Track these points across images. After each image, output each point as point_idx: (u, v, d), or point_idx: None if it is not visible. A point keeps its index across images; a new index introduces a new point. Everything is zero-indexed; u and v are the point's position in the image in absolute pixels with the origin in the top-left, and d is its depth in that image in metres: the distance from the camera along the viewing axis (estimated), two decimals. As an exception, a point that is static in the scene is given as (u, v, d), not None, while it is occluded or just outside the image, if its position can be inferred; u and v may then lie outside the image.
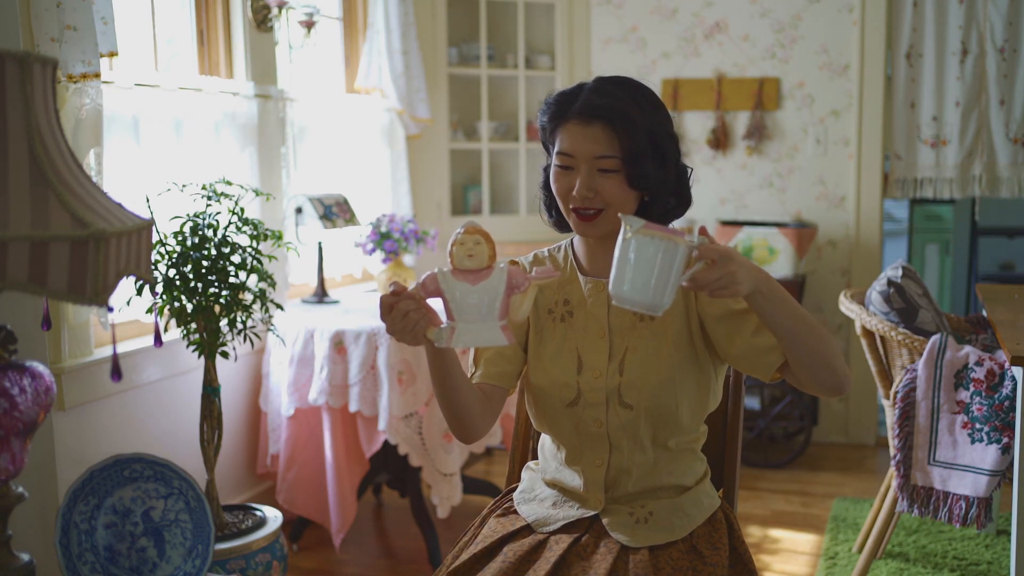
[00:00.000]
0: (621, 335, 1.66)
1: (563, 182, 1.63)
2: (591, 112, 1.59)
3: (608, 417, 1.64)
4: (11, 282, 1.22)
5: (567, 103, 1.62)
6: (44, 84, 1.33)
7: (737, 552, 1.68)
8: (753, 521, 3.56)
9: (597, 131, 1.58)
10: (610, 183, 1.59)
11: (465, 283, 1.38)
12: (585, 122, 1.59)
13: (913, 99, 4.24)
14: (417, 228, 3.49)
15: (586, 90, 1.63)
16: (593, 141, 1.58)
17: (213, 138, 3.11)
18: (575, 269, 1.73)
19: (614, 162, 1.58)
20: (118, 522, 1.66)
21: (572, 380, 1.65)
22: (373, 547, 3.41)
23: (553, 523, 1.67)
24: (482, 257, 1.38)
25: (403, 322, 1.42)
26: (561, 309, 1.71)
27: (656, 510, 1.66)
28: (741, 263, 1.39)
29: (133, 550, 1.67)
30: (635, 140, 1.58)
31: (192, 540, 1.67)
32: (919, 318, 2.80)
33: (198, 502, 1.69)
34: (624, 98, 1.60)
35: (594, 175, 1.59)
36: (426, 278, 1.41)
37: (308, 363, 3.21)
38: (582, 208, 1.61)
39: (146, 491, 1.68)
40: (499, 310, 1.39)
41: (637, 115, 1.59)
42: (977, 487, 2.53)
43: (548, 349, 1.69)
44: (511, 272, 1.39)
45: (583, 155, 1.59)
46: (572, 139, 1.60)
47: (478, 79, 4.69)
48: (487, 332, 1.39)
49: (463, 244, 1.38)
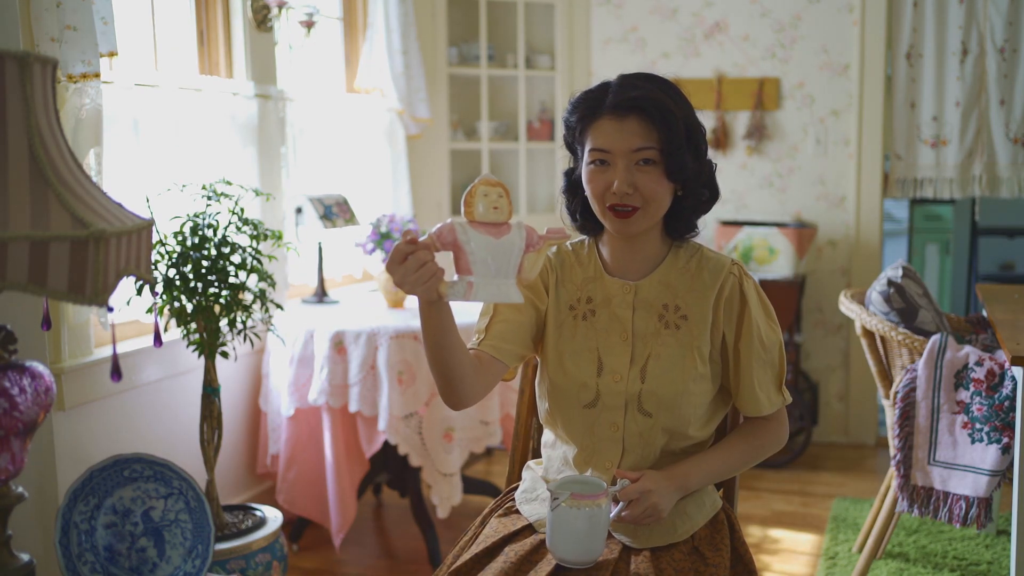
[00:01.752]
0: (645, 340, 1.64)
1: (599, 180, 1.59)
2: (626, 105, 1.56)
3: (626, 422, 1.64)
4: (11, 282, 1.22)
5: (596, 100, 1.60)
6: (44, 84, 1.33)
7: (738, 553, 1.68)
8: (753, 521, 3.56)
9: (633, 124, 1.56)
10: (649, 177, 1.57)
11: (488, 236, 1.32)
12: (620, 116, 1.57)
13: (913, 99, 4.24)
14: (417, 228, 3.49)
15: (615, 85, 1.60)
16: (630, 134, 1.56)
17: (213, 138, 3.11)
18: (600, 267, 1.70)
19: (653, 153, 1.56)
20: (118, 522, 1.66)
21: (592, 381, 1.64)
22: (373, 547, 3.41)
23: None
24: (505, 210, 1.34)
25: (419, 272, 1.35)
26: (584, 307, 1.68)
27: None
28: (661, 492, 1.55)
29: (133, 550, 1.67)
30: (673, 130, 1.56)
31: (192, 540, 1.67)
32: (919, 318, 2.80)
33: (198, 502, 1.69)
34: (655, 89, 1.59)
35: (632, 169, 1.57)
36: (442, 228, 1.34)
37: (308, 363, 3.21)
38: (620, 205, 1.58)
39: (146, 491, 1.68)
40: (517, 266, 1.36)
41: (672, 105, 1.58)
42: (977, 487, 2.53)
43: (568, 347, 1.67)
44: (528, 229, 1.37)
45: (621, 149, 1.57)
46: (607, 134, 1.57)
47: (478, 79, 4.69)
48: (505, 288, 1.35)
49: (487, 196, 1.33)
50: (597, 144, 1.58)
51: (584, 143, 1.62)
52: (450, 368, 1.55)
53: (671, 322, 1.64)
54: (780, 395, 1.70)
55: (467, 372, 1.58)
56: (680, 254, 1.69)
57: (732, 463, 1.68)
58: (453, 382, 1.57)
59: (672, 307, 1.65)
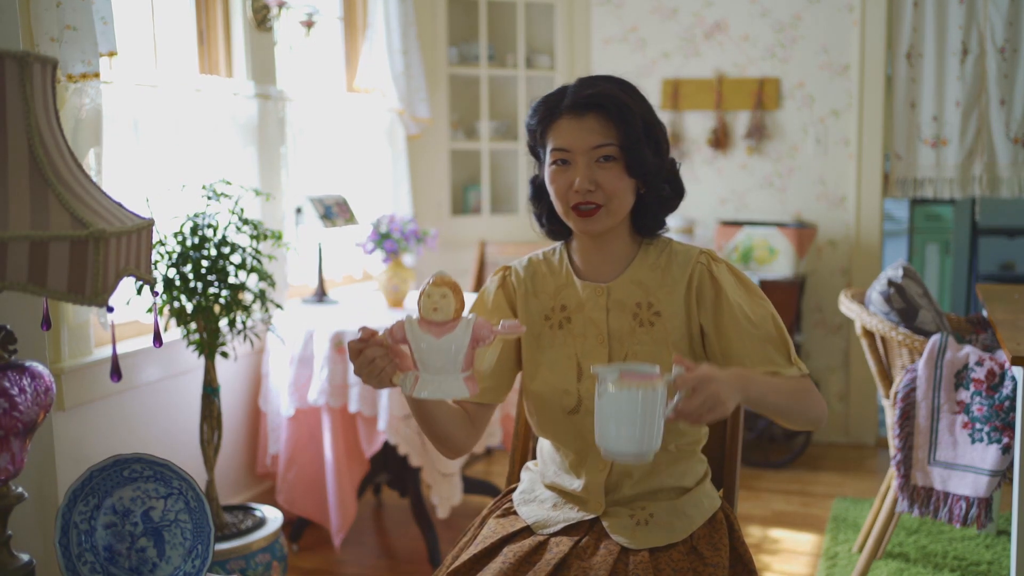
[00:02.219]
0: (621, 340, 1.64)
1: (561, 179, 1.60)
2: (583, 103, 1.58)
3: None
4: (11, 282, 1.22)
5: (555, 102, 1.61)
6: (44, 84, 1.33)
7: (737, 552, 1.67)
8: (753, 521, 3.56)
9: (591, 122, 1.58)
10: (610, 173, 1.58)
11: (430, 335, 1.38)
12: (578, 114, 1.58)
13: (913, 99, 4.24)
14: (417, 228, 3.49)
15: (572, 87, 1.62)
16: (589, 132, 1.57)
17: (213, 138, 3.11)
18: (571, 273, 1.70)
19: (612, 149, 1.57)
20: (118, 522, 1.66)
21: (572, 387, 1.64)
22: (373, 547, 3.41)
23: (553, 525, 1.67)
24: (447, 310, 1.37)
25: (368, 368, 1.43)
26: (559, 315, 1.68)
27: (656, 512, 1.65)
28: (722, 381, 1.38)
29: (133, 550, 1.67)
30: (631, 125, 1.57)
31: (192, 540, 1.67)
32: (919, 318, 2.79)
33: (198, 502, 1.68)
34: (613, 87, 1.60)
35: (592, 167, 1.58)
36: (395, 325, 1.42)
37: (308, 363, 3.21)
38: (583, 203, 1.59)
39: (146, 491, 1.68)
40: (463, 363, 1.39)
41: (629, 101, 1.59)
42: (977, 487, 2.53)
43: (547, 356, 1.67)
44: (476, 325, 1.38)
45: (580, 147, 1.58)
46: (567, 133, 1.59)
47: (478, 79, 4.69)
48: (449, 384, 1.39)
49: (429, 296, 1.38)
50: (557, 144, 1.60)
51: (545, 144, 1.63)
52: (436, 432, 1.63)
53: (645, 320, 1.64)
54: (793, 366, 1.62)
55: (454, 431, 1.65)
56: (650, 251, 1.69)
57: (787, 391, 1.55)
58: (443, 441, 1.65)
59: (645, 304, 1.64)
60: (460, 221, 4.69)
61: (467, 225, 4.69)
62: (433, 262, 4.56)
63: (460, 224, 4.68)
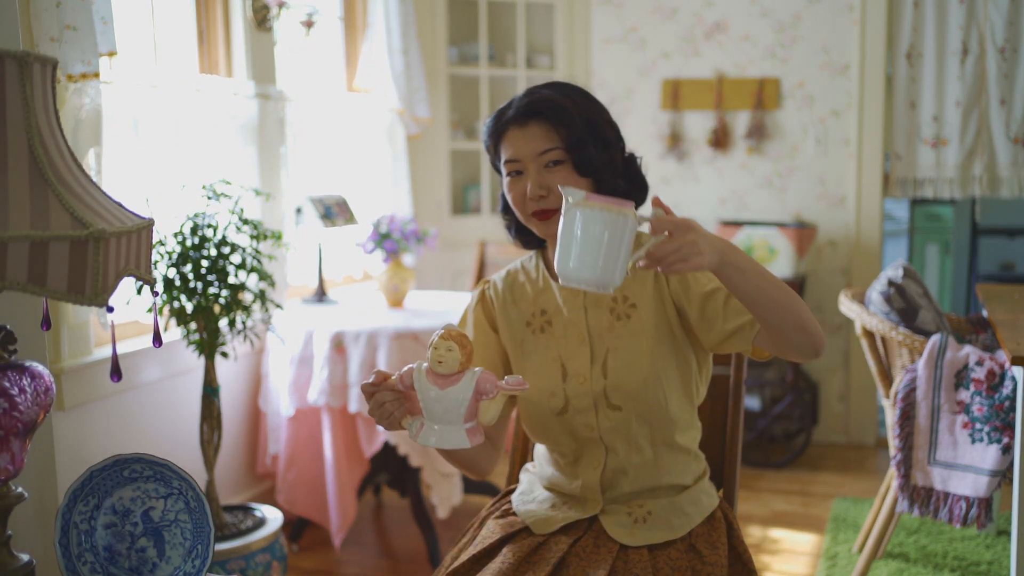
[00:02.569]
0: (601, 337, 1.65)
1: (516, 188, 1.63)
2: (524, 113, 1.62)
3: (598, 421, 1.64)
4: (11, 282, 1.22)
5: (502, 115, 1.66)
6: (44, 84, 1.33)
7: (736, 551, 1.67)
8: (753, 521, 3.55)
9: (534, 129, 1.61)
10: (559, 176, 1.60)
11: (435, 386, 1.42)
12: (522, 124, 1.62)
13: (913, 99, 4.24)
14: (417, 228, 3.49)
15: (517, 98, 1.66)
16: (533, 139, 1.61)
17: (213, 138, 3.11)
18: (547, 278, 1.72)
19: (558, 152, 1.60)
20: (118, 522, 1.66)
21: (559, 388, 1.65)
22: (373, 547, 3.41)
23: (552, 525, 1.67)
24: (452, 364, 1.40)
25: (379, 411, 1.47)
26: (539, 320, 1.71)
27: (654, 509, 1.65)
28: (702, 233, 1.34)
29: (133, 550, 1.67)
30: (572, 126, 1.60)
31: (192, 540, 1.67)
32: (919, 318, 2.79)
33: (198, 502, 1.68)
34: (553, 94, 1.63)
35: (542, 172, 1.61)
36: (405, 372, 1.46)
37: (308, 363, 3.21)
38: (539, 209, 1.62)
39: (146, 491, 1.68)
40: (465, 414, 1.42)
41: (568, 104, 1.62)
42: (977, 487, 2.53)
43: (532, 362, 1.69)
44: (480, 379, 1.41)
45: (527, 155, 1.61)
46: (514, 143, 1.62)
47: (478, 79, 4.69)
48: (451, 435, 1.42)
49: (436, 349, 1.41)
50: (507, 155, 1.64)
51: (499, 157, 1.67)
52: (459, 462, 1.69)
53: (622, 313, 1.65)
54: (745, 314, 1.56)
55: (476, 456, 1.70)
56: None
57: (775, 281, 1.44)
58: (470, 467, 1.71)
59: (620, 298, 1.66)
60: (460, 221, 4.69)
61: (467, 225, 4.69)
62: (433, 262, 4.56)
63: (460, 224, 4.68)
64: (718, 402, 1.89)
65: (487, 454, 1.72)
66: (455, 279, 4.65)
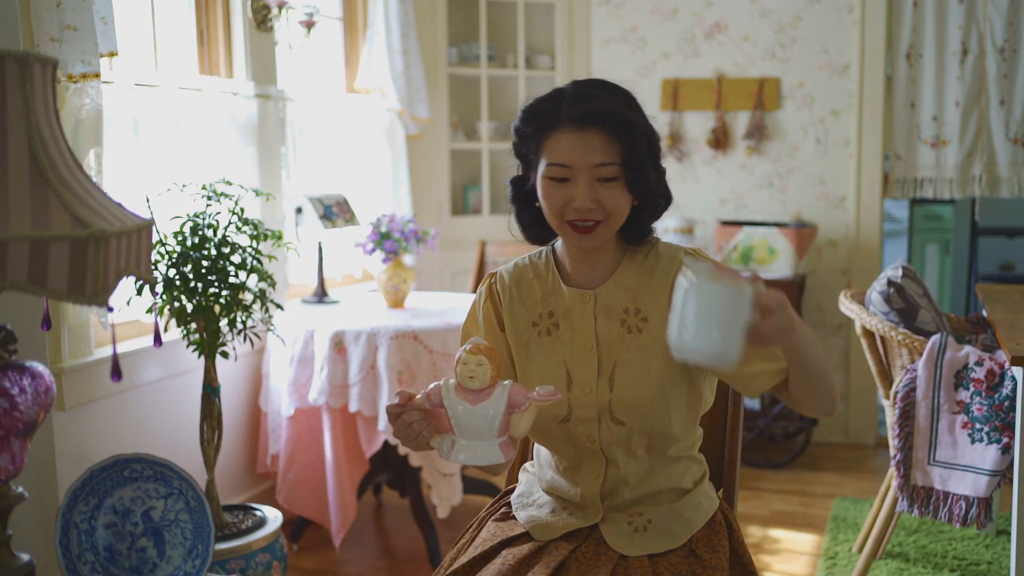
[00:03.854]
0: (609, 348, 1.61)
1: (558, 195, 1.54)
2: (586, 118, 1.51)
3: (600, 433, 1.60)
4: (11, 282, 1.22)
5: (553, 110, 1.54)
6: (44, 84, 1.33)
7: (737, 553, 1.66)
8: (753, 521, 3.56)
9: (594, 138, 1.51)
10: (612, 191, 1.52)
11: (466, 402, 1.40)
12: (580, 128, 1.51)
13: (913, 99, 4.24)
14: (417, 228, 3.49)
15: (571, 95, 1.54)
16: (592, 149, 1.51)
17: (213, 138, 3.11)
18: (557, 278, 1.66)
19: (614, 169, 1.51)
20: (118, 522, 1.66)
21: (563, 397, 1.60)
22: (373, 547, 3.41)
23: (553, 532, 1.65)
24: (484, 378, 1.39)
25: (406, 431, 1.43)
26: (546, 322, 1.65)
27: (655, 517, 1.63)
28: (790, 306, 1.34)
29: (133, 550, 1.67)
30: (636, 143, 1.51)
31: (192, 540, 1.67)
32: (919, 318, 2.80)
33: (198, 502, 1.69)
34: (615, 100, 1.53)
35: (594, 185, 1.52)
36: (432, 389, 1.43)
37: (308, 363, 3.21)
38: (581, 220, 1.54)
39: (146, 491, 1.68)
40: (498, 428, 1.40)
41: (633, 116, 1.52)
42: (977, 487, 2.53)
43: (536, 364, 1.64)
44: (512, 392, 1.39)
45: (582, 164, 1.51)
46: (567, 149, 1.52)
47: (478, 79, 4.69)
48: (484, 450, 1.41)
49: (466, 364, 1.39)
50: (556, 159, 1.53)
51: (539, 154, 1.57)
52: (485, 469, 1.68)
53: (633, 326, 1.60)
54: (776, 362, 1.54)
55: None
56: (636, 256, 1.64)
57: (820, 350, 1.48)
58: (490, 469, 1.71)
59: (633, 310, 1.61)
60: (460, 221, 4.69)
61: (467, 225, 4.69)
62: (433, 262, 4.57)
63: (460, 224, 4.68)
64: (718, 402, 1.88)
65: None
66: (455, 279, 4.65)
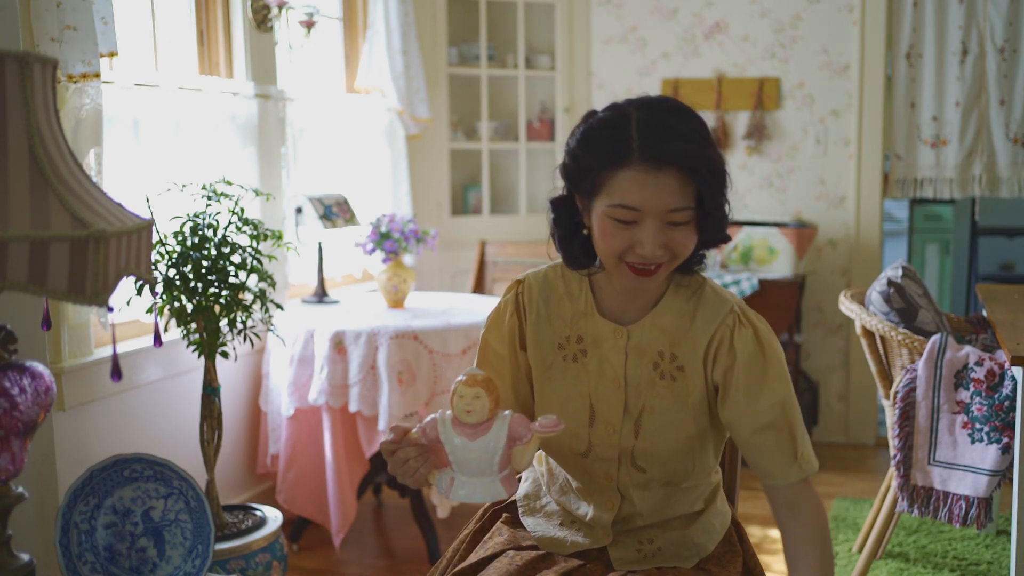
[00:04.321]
0: (638, 390, 1.51)
1: (622, 237, 1.39)
2: (661, 158, 1.35)
3: (619, 475, 1.55)
4: (11, 282, 1.22)
5: (622, 143, 1.37)
6: (44, 84, 1.33)
7: (748, 567, 1.64)
8: (753, 521, 3.55)
9: (669, 180, 1.36)
10: (682, 234, 1.40)
11: (463, 436, 1.31)
12: (655, 169, 1.36)
13: (913, 99, 4.24)
14: (417, 228, 3.49)
15: (642, 126, 1.38)
16: (667, 192, 1.36)
17: (213, 138, 3.11)
18: (591, 303, 1.54)
19: (688, 214, 1.38)
20: (118, 522, 1.66)
21: (584, 431, 1.53)
22: (373, 547, 3.41)
23: (561, 550, 1.61)
24: (482, 412, 1.30)
25: (403, 468, 1.35)
26: (573, 347, 1.54)
27: (664, 545, 1.59)
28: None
29: (133, 550, 1.67)
30: (715, 188, 1.39)
31: (192, 540, 1.67)
32: (919, 318, 2.80)
33: (198, 502, 1.69)
34: (691, 136, 1.38)
35: (664, 229, 1.38)
36: (427, 423, 1.35)
37: (308, 363, 3.21)
38: (643, 264, 1.41)
39: (146, 491, 1.68)
40: (499, 463, 1.31)
41: (711, 154, 1.38)
42: (977, 487, 2.53)
43: (559, 390, 1.55)
44: (512, 424, 1.31)
45: (654, 209, 1.37)
46: (639, 190, 1.36)
47: (478, 79, 4.69)
48: (485, 487, 1.33)
49: (462, 397, 1.30)
50: (624, 200, 1.37)
51: (600, 188, 1.40)
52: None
53: (667, 372, 1.50)
54: (796, 464, 1.47)
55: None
56: (680, 293, 1.52)
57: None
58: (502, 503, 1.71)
59: (668, 355, 1.50)
60: (460, 221, 4.69)
61: (467, 225, 4.69)
62: (433, 262, 4.57)
63: (460, 224, 4.68)
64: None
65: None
66: (455, 279, 4.65)
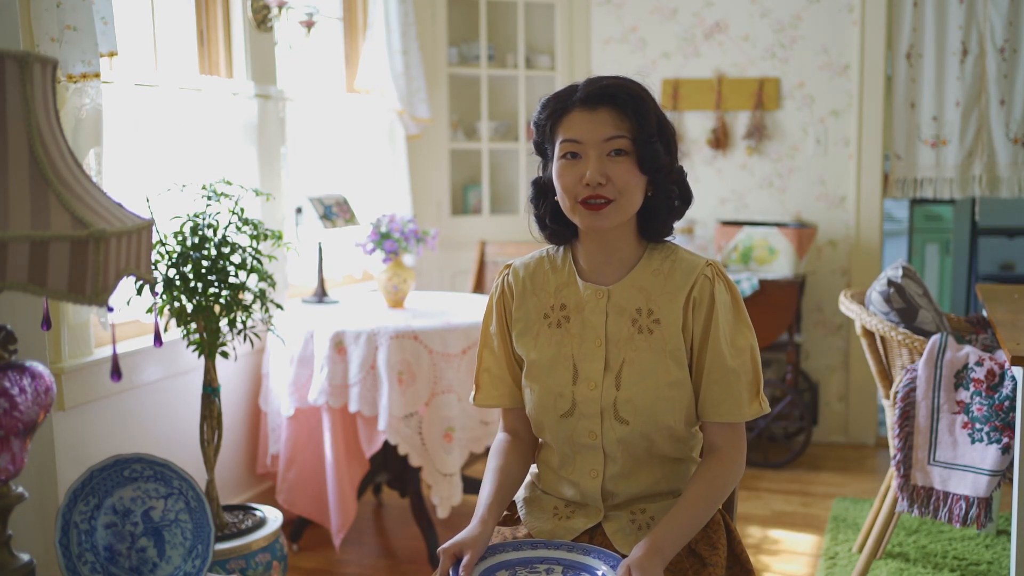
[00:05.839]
0: (618, 345, 1.62)
1: (571, 172, 1.57)
2: (597, 96, 1.56)
3: (603, 430, 1.61)
4: (11, 282, 1.22)
5: (566, 96, 1.60)
6: (44, 84, 1.33)
7: (735, 553, 1.67)
8: (753, 521, 3.56)
9: (604, 114, 1.56)
10: (622, 167, 1.55)
11: None
12: (591, 107, 1.57)
13: (913, 99, 4.24)
14: (417, 228, 3.49)
15: (584, 82, 1.61)
16: (601, 123, 1.56)
17: (213, 138, 3.11)
18: (574, 272, 1.68)
19: (625, 143, 1.55)
20: (118, 522, 1.66)
21: (567, 391, 1.62)
22: (373, 547, 3.41)
23: (556, 538, 1.65)
24: None
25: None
26: (557, 314, 1.66)
27: (656, 513, 1.64)
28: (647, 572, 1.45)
29: (133, 550, 1.67)
30: (645, 118, 1.56)
31: (192, 540, 1.68)
32: (919, 318, 2.80)
33: (198, 502, 1.69)
34: (626, 82, 1.59)
35: (604, 160, 1.55)
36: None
37: (308, 363, 3.21)
38: (593, 197, 1.55)
39: (146, 491, 1.68)
40: None
41: (643, 94, 1.58)
42: (977, 487, 2.53)
43: (544, 356, 1.65)
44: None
45: (592, 138, 1.56)
46: (579, 125, 1.57)
47: (478, 79, 4.69)
48: None
49: None
50: (568, 135, 1.57)
51: (555, 139, 1.61)
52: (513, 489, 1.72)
53: (644, 326, 1.61)
54: (756, 402, 1.62)
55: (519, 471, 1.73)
56: (654, 256, 1.65)
57: (699, 514, 1.57)
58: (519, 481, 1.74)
59: (645, 311, 1.61)
60: (460, 221, 4.69)
61: (467, 225, 4.69)
62: (433, 262, 4.57)
63: (460, 224, 4.68)
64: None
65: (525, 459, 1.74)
66: (455, 279, 4.65)
